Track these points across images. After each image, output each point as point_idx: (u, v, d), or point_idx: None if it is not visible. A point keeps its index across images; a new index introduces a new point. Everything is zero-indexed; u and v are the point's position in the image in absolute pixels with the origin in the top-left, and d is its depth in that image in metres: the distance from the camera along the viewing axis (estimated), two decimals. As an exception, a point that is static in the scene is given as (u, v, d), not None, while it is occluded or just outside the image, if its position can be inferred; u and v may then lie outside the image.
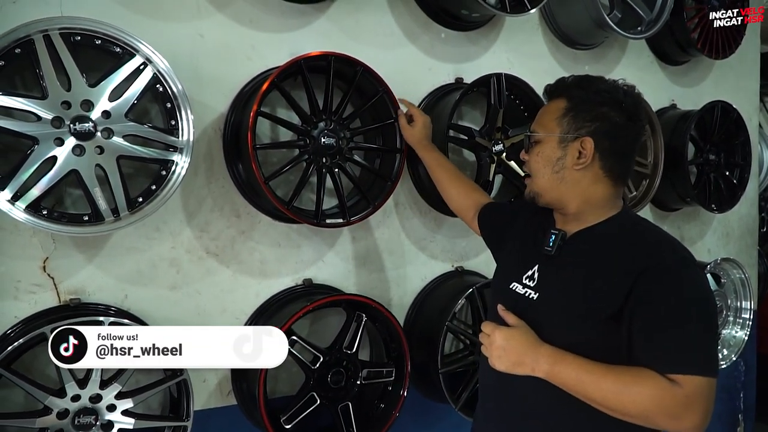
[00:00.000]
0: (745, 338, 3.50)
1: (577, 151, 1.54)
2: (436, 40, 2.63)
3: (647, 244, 1.49)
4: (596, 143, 1.53)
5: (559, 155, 1.56)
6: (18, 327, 1.90)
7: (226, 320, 2.24)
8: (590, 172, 1.56)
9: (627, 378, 1.36)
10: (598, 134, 1.53)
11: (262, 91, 2.00)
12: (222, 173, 2.21)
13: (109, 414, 1.87)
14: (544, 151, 1.59)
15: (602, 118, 1.53)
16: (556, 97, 1.61)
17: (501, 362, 1.49)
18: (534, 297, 1.58)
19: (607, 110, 1.53)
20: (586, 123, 1.54)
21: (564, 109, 1.56)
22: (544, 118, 1.61)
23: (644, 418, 1.35)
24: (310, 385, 2.18)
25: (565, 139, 1.55)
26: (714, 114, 3.26)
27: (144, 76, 1.86)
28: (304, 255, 2.39)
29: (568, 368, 1.41)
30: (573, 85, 1.58)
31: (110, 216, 1.85)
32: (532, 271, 1.63)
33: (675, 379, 1.33)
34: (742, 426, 4.06)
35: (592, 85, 1.56)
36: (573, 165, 1.55)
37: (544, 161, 1.59)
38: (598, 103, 1.54)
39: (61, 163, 1.76)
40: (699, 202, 3.24)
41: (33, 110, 1.72)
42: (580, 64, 3.08)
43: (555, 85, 1.64)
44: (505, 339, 1.49)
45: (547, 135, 1.58)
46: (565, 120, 1.56)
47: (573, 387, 1.41)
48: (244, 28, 2.22)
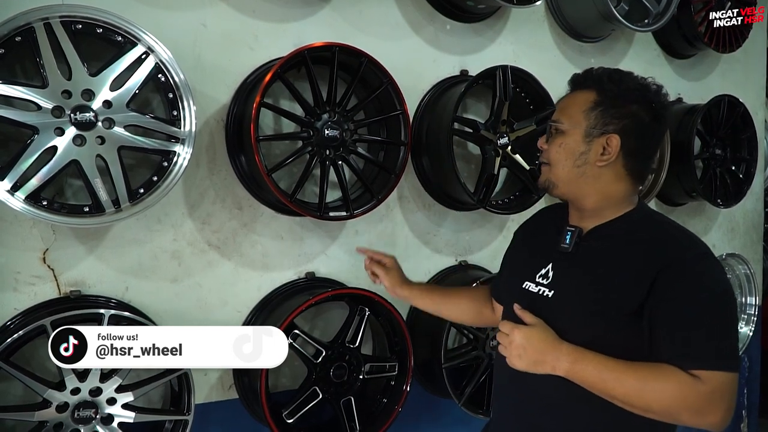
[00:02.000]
0: (749, 334, 3.49)
1: (602, 147, 1.50)
2: (441, 31, 2.61)
3: (666, 239, 1.47)
4: (622, 141, 1.49)
5: (583, 149, 1.51)
6: (17, 319, 1.88)
7: (227, 313, 2.23)
8: (612, 169, 1.51)
9: (649, 375, 1.35)
10: (625, 132, 1.49)
11: (265, 82, 1.98)
12: (224, 165, 2.19)
13: (109, 407, 1.85)
14: (567, 143, 1.53)
15: (631, 116, 1.49)
16: (585, 88, 1.55)
17: (521, 361, 1.45)
18: (549, 295, 1.54)
19: (637, 108, 1.50)
20: (615, 119, 1.49)
21: (593, 102, 1.51)
22: (572, 109, 1.55)
23: (668, 414, 1.34)
24: (313, 379, 2.16)
25: (591, 133, 1.50)
26: (720, 108, 3.23)
27: (146, 66, 1.84)
28: (307, 248, 2.37)
29: (589, 366, 1.39)
30: (605, 77, 1.53)
31: (111, 207, 1.83)
32: (546, 269, 1.59)
33: (698, 374, 1.32)
34: (746, 422, 4.05)
35: (624, 80, 1.52)
36: (596, 161, 1.50)
37: (566, 153, 1.53)
38: (628, 100, 1.50)
39: (62, 153, 1.74)
40: (705, 197, 3.22)
41: (33, 99, 1.70)
42: (586, 56, 3.05)
43: (585, 75, 1.58)
44: (524, 338, 1.45)
45: (572, 127, 1.53)
46: (593, 114, 1.51)
47: (595, 385, 1.39)
48: (248, 18, 2.20)
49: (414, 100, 2.52)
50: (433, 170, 2.53)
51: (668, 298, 1.37)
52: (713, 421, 1.31)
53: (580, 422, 1.50)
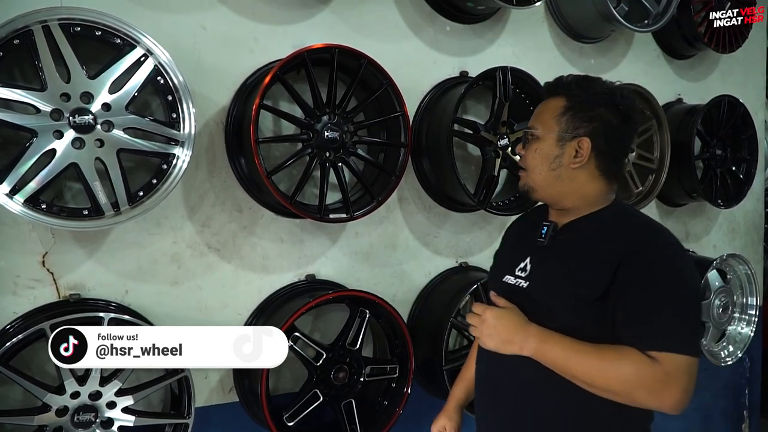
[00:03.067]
0: (750, 334, 3.47)
1: (575, 149, 1.57)
2: (440, 32, 2.60)
3: (633, 229, 1.55)
4: (593, 143, 1.57)
5: (557, 153, 1.59)
6: (17, 323, 1.88)
7: (227, 316, 2.22)
8: (586, 170, 1.59)
9: (610, 355, 1.42)
10: (595, 134, 1.57)
11: (264, 84, 1.97)
12: (224, 167, 2.19)
13: (109, 411, 1.84)
14: (542, 148, 1.61)
15: (599, 119, 1.57)
16: (556, 95, 1.63)
17: (491, 340, 1.54)
18: (525, 286, 1.62)
19: (604, 111, 1.57)
20: (584, 123, 1.57)
21: (563, 107, 1.59)
22: (544, 116, 1.63)
23: (626, 394, 1.40)
24: (313, 381, 2.16)
25: (563, 137, 1.58)
26: (721, 108, 3.23)
27: (145, 68, 1.84)
28: (307, 250, 2.36)
29: (555, 347, 1.47)
30: (573, 84, 1.61)
31: (110, 210, 1.83)
32: (524, 263, 1.67)
33: (655, 356, 1.38)
34: (747, 422, 4.04)
35: (591, 86, 1.60)
36: (570, 163, 1.58)
37: (541, 158, 1.61)
38: (596, 104, 1.57)
39: (60, 156, 1.73)
40: (705, 198, 3.22)
41: (32, 102, 1.69)
42: (586, 57, 3.05)
43: (555, 83, 1.66)
44: (495, 318, 1.55)
45: (545, 132, 1.60)
46: (564, 119, 1.58)
47: (559, 365, 1.46)
48: (247, 20, 2.20)
49: (414, 101, 2.52)
50: (433, 172, 2.52)
51: (630, 283, 1.44)
52: (669, 403, 1.38)
53: (551, 406, 1.56)
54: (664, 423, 3.66)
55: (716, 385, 3.85)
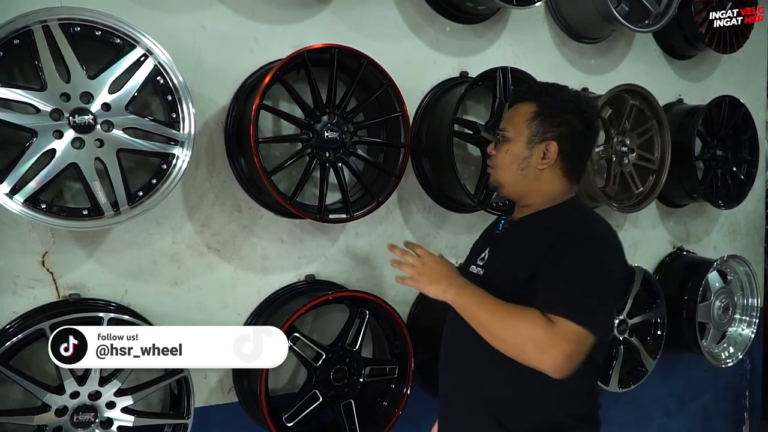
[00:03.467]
0: (751, 336, 3.48)
1: (542, 152, 1.71)
2: (440, 33, 2.60)
3: (571, 219, 1.70)
4: (559, 147, 1.71)
5: (526, 155, 1.73)
6: (17, 322, 1.88)
7: (227, 316, 2.22)
8: (551, 171, 1.73)
9: (516, 311, 1.56)
10: (562, 139, 1.71)
11: (264, 84, 1.97)
12: (224, 167, 2.19)
13: (109, 411, 1.84)
14: (512, 150, 1.75)
15: (566, 125, 1.71)
16: (526, 100, 1.77)
17: (422, 278, 1.69)
18: (481, 273, 1.78)
19: (571, 117, 1.71)
20: (552, 128, 1.71)
21: (533, 113, 1.73)
22: (515, 119, 1.76)
23: (517, 346, 1.53)
24: (313, 382, 2.16)
25: (532, 140, 1.72)
26: (721, 109, 3.22)
27: (145, 68, 1.84)
28: (307, 250, 2.36)
29: (472, 297, 1.62)
30: (543, 91, 1.75)
31: (110, 210, 1.83)
32: (484, 253, 1.82)
33: (553, 318, 1.50)
34: (748, 424, 4.04)
35: (559, 93, 1.75)
36: (537, 164, 1.72)
37: (511, 158, 1.75)
38: (563, 110, 1.72)
39: (60, 156, 1.73)
40: (706, 198, 3.21)
41: (32, 102, 1.69)
42: (587, 57, 3.05)
43: (525, 90, 1.84)
44: (434, 261, 1.71)
45: (516, 135, 1.74)
46: (534, 123, 1.72)
47: (470, 313, 1.62)
48: (247, 20, 2.20)
49: (414, 101, 2.51)
50: (433, 172, 2.52)
51: (551, 257, 1.59)
52: (550, 362, 1.48)
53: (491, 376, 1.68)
54: (664, 424, 3.67)
55: (717, 387, 3.84)
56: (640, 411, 3.45)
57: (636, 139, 2.89)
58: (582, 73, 3.04)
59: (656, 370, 3.08)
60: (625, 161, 2.87)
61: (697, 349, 3.19)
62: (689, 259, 3.45)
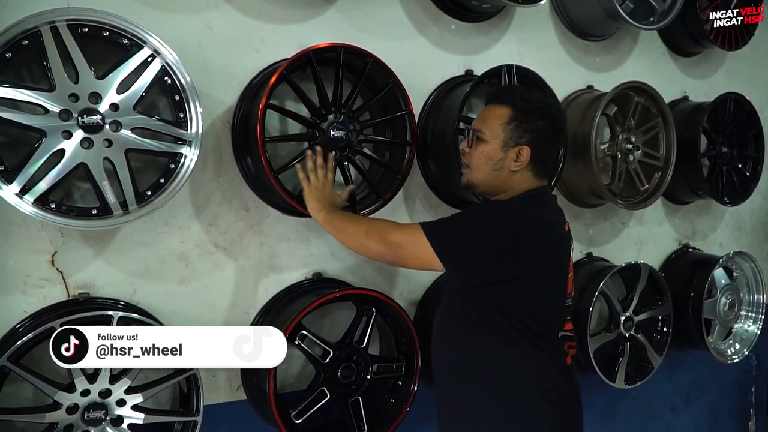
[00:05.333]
0: (757, 332, 3.47)
1: (516, 155, 1.84)
2: (445, 31, 2.61)
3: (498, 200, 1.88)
4: (531, 151, 1.83)
5: (501, 157, 1.85)
6: (27, 322, 1.89)
7: (235, 315, 2.23)
8: (522, 171, 1.86)
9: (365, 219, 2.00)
10: (534, 143, 1.84)
11: (270, 84, 1.98)
12: (231, 166, 2.20)
13: (119, 409, 1.86)
14: (488, 151, 1.86)
15: (538, 130, 1.84)
16: (501, 103, 1.87)
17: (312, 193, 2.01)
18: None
19: (543, 124, 1.84)
20: (526, 133, 1.83)
21: (509, 117, 1.84)
22: (491, 122, 1.87)
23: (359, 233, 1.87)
24: (321, 380, 2.17)
25: (507, 144, 1.84)
26: (727, 106, 3.21)
27: (152, 68, 1.85)
28: (314, 249, 2.37)
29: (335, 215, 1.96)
30: (517, 96, 1.86)
31: (119, 210, 1.84)
32: None
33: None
34: (754, 420, 4.04)
35: (532, 99, 1.87)
36: (510, 166, 1.85)
37: (486, 159, 1.87)
38: (536, 116, 1.84)
39: (69, 156, 1.75)
40: (711, 195, 3.21)
41: (40, 103, 1.70)
42: (592, 55, 3.05)
43: (500, 92, 1.93)
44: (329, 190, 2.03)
45: (491, 137, 1.85)
46: (509, 127, 1.84)
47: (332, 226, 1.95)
48: (253, 20, 2.20)
49: (419, 100, 2.52)
50: (438, 170, 2.52)
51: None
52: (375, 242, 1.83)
53: (460, 360, 1.85)
54: (670, 420, 3.67)
55: (723, 383, 3.84)
56: (646, 407, 3.45)
57: (641, 137, 2.89)
58: (587, 71, 3.03)
59: (662, 367, 3.08)
60: (631, 158, 2.87)
61: (703, 345, 3.19)
62: (695, 256, 3.45)
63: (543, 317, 1.80)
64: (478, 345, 1.81)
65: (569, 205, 2.99)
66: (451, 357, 1.89)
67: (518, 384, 1.77)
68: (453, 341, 1.88)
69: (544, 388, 1.78)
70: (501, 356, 1.78)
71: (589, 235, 3.13)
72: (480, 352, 1.80)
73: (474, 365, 1.82)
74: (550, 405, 1.77)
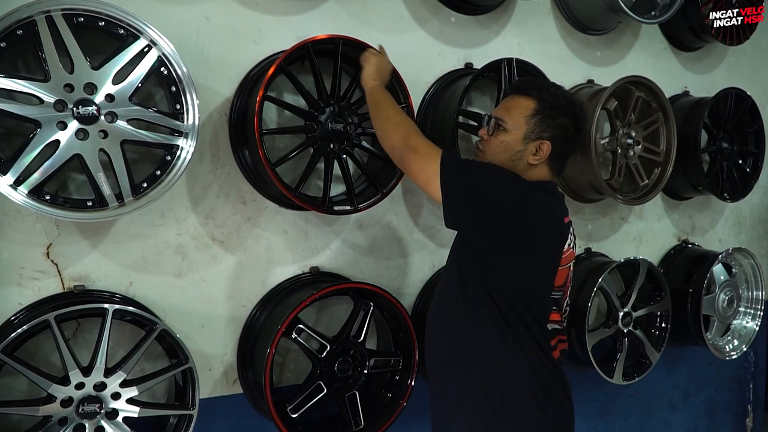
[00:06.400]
0: (756, 329, 3.47)
1: (536, 149, 1.81)
2: (445, 24, 2.59)
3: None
4: (552, 147, 1.81)
5: (520, 149, 1.82)
6: (22, 314, 1.88)
7: (232, 308, 2.22)
8: (539, 166, 1.85)
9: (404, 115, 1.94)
10: (555, 140, 1.82)
11: (268, 76, 1.97)
12: (228, 159, 2.18)
13: (114, 402, 1.85)
14: (508, 141, 1.83)
15: (561, 127, 1.82)
16: (527, 95, 1.84)
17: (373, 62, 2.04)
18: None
19: (566, 121, 1.82)
20: (549, 128, 1.81)
21: (533, 110, 1.81)
22: (514, 112, 1.84)
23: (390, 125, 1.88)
24: (317, 374, 2.16)
25: (529, 137, 1.81)
26: (727, 101, 3.20)
27: (148, 59, 1.83)
28: (311, 242, 2.36)
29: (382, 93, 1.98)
30: (544, 89, 1.84)
31: (114, 202, 1.82)
32: None
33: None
34: (752, 416, 4.04)
35: (558, 94, 1.84)
36: (529, 159, 1.83)
37: (505, 148, 1.84)
38: (560, 113, 1.81)
39: (64, 148, 1.73)
40: (711, 191, 3.19)
41: (35, 93, 1.69)
42: (592, 49, 3.03)
43: (528, 84, 1.89)
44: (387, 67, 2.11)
45: (514, 128, 1.82)
46: (533, 121, 1.81)
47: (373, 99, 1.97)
48: (251, 11, 2.19)
49: (418, 93, 2.50)
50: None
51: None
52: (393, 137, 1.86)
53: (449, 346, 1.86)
54: (668, 416, 3.66)
55: (721, 379, 3.84)
56: (645, 403, 3.45)
57: (641, 132, 2.88)
58: (588, 65, 3.02)
59: (660, 363, 3.08)
60: (631, 153, 2.86)
61: (702, 341, 3.18)
62: (694, 251, 3.44)
63: (530, 301, 1.79)
64: (465, 332, 1.81)
65: (568, 200, 2.98)
66: (440, 342, 1.90)
67: (502, 374, 1.77)
68: (442, 327, 1.89)
69: (528, 384, 1.77)
70: (487, 345, 1.78)
71: (588, 230, 3.12)
72: (466, 339, 1.81)
73: (460, 352, 1.82)
74: (535, 399, 1.77)
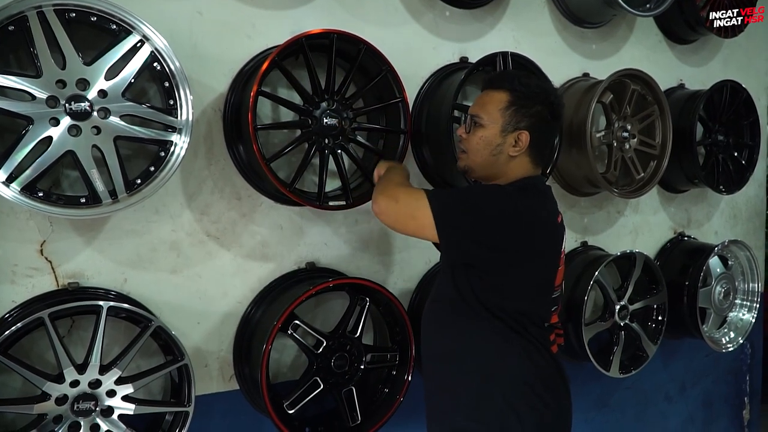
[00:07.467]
0: (752, 321, 3.48)
1: (514, 140, 1.84)
2: (440, 17, 2.58)
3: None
4: (530, 136, 1.83)
5: (499, 142, 1.84)
6: (15, 311, 1.87)
7: (227, 304, 2.22)
8: (520, 157, 1.86)
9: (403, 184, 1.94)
10: (533, 129, 1.83)
11: (262, 70, 1.95)
12: (222, 154, 2.17)
13: (109, 399, 1.84)
14: (486, 136, 1.86)
15: (537, 115, 1.84)
16: (500, 88, 1.86)
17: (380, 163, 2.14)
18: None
19: (541, 109, 1.84)
20: (525, 118, 1.83)
21: (507, 102, 1.84)
22: (489, 107, 1.86)
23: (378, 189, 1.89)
24: (314, 369, 2.15)
25: (506, 129, 1.84)
26: (723, 94, 3.20)
27: (141, 54, 1.82)
28: (307, 238, 2.35)
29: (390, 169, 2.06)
30: (516, 81, 1.85)
31: (108, 198, 1.81)
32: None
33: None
34: (748, 408, 4.05)
35: (531, 84, 1.86)
36: (509, 151, 1.85)
37: (484, 144, 1.86)
38: (535, 101, 1.83)
39: (57, 144, 1.72)
40: (707, 184, 3.20)
41: (27, 89, 1.67)
42: (588, 42, 3.02)
43: (499, 77, 1.91)
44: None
45: (490, 123, 1.85)
46: (507, 112, 1.83)
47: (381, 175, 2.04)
48: (244, 6, 2.17)
49: (413, 87, 2.49)
50: (433, 158, 2.50)
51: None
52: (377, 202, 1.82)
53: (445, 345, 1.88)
54: (665, 409, 3.67)
55: (717, 372, 3.85)
56: (641, 396, 3.45)
57: (637, 125, 2.88)
58: (583, 58, 3.01)
59: (657, 356, 3.08)
60: (626, 147, 2.85)
61: (698, 334, 3.19)
62: (690, 244, 3.44)
63: (528, 309, 1.80)
64: (462, 331, 1.82)
65: (564, 193, 2.98)
66: (437, 341, 1.91)
67: (501, 371, 1.78)
68: (438, 326, 1.89)
69: (526, 380, 1.77)
70: (484, 344, 1.79)
71: (584, 223, 3.11)
72: (463, 338, 1.81)
73: (458, 350, 1.83)
74: (534, 394, 1.77)
